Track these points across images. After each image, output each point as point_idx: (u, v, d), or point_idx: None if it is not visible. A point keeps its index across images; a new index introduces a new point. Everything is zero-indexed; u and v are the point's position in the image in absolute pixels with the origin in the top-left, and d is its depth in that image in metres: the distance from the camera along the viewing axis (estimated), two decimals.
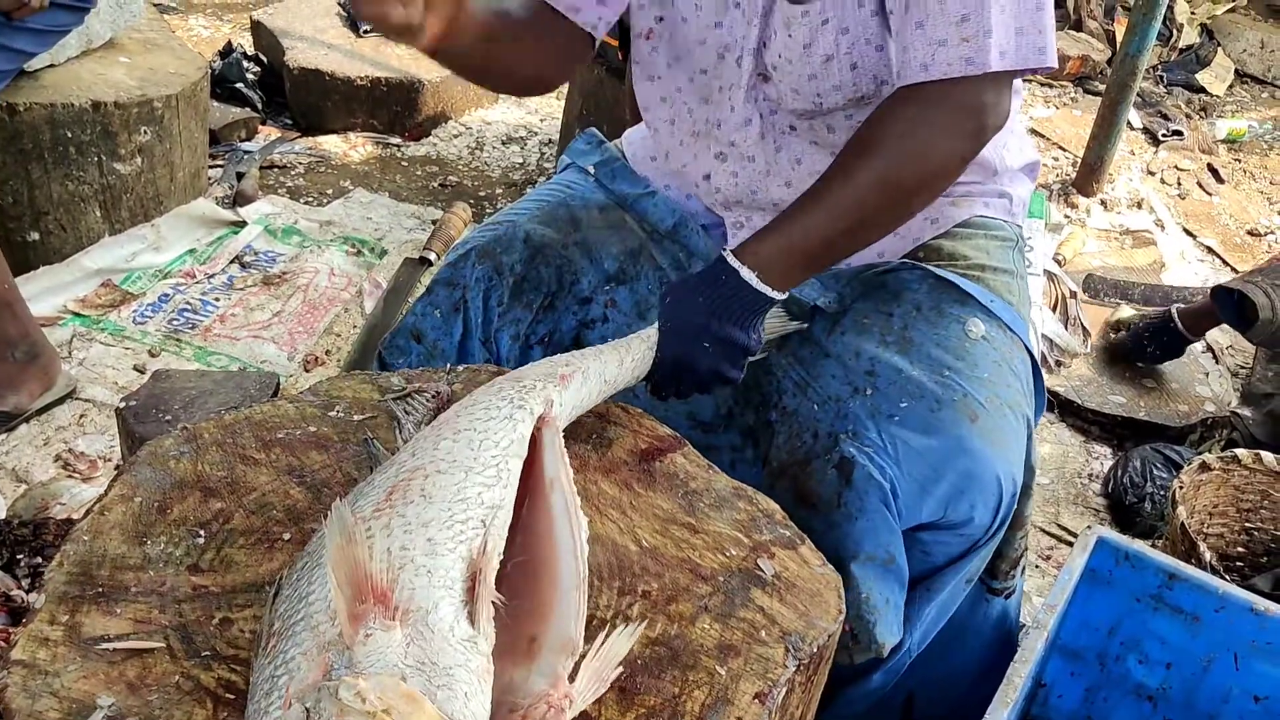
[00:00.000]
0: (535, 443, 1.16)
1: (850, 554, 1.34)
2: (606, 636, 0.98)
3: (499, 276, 1.63)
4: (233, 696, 1.00)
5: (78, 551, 1.13)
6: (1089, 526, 1.75)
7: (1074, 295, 2.60)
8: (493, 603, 0.94)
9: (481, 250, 1.64)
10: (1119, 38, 4.14)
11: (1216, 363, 3.06)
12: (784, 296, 1.36)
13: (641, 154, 1.77)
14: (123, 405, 1.74)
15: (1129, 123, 3.70)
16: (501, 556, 1.03)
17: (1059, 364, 2.62)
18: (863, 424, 1.38)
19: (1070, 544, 2.34)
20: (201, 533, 1.15)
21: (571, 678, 0.94)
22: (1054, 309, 2.56)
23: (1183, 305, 2.86)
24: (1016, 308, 1.54)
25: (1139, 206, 3.68)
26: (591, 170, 1.75)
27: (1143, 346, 2.81)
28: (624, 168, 1.75)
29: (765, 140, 1.53)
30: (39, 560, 1.74)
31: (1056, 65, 1.36)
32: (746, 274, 1.33)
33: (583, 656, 0.97)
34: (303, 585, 0.96)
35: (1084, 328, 2.65)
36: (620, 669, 0.97)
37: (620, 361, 1.36)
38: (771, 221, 1.36)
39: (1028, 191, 1.66)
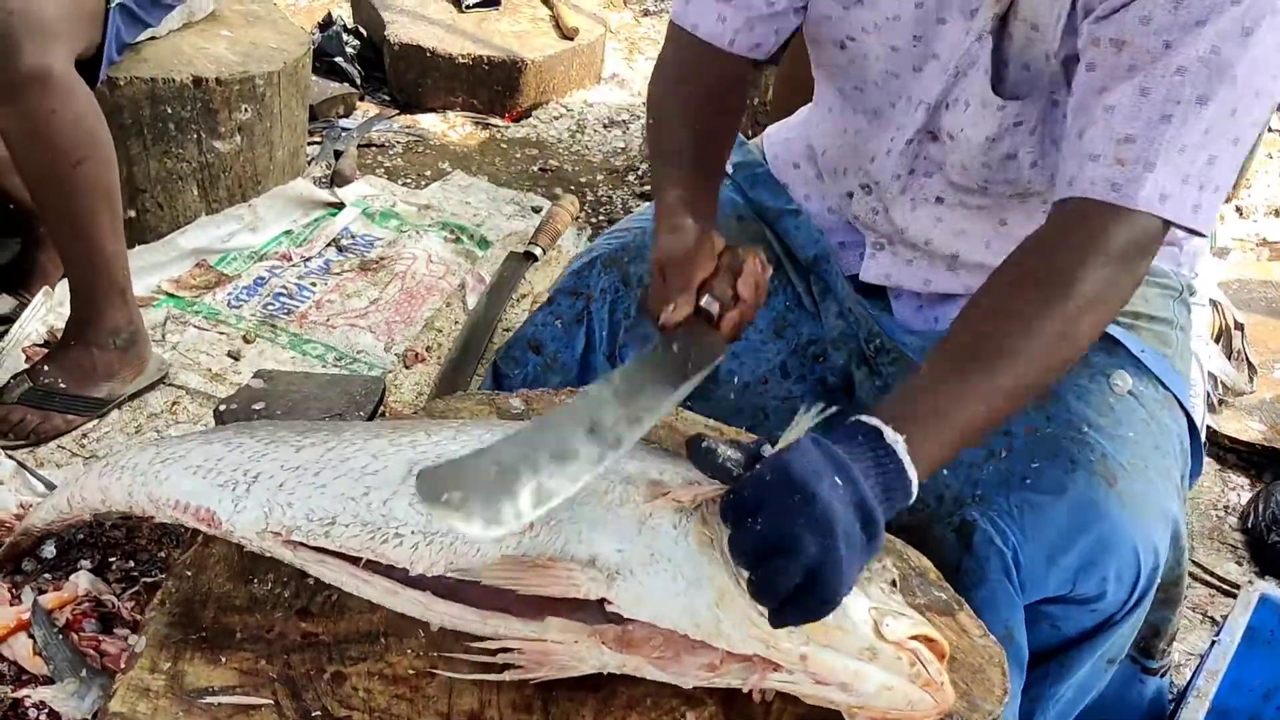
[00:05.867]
0: None
1: None
2: None
3: (626, 287, 1.53)
4: None
5: (181, 589, 1.05)
6: (1250, 582, 1.62)
7: (1239, 327, 2.40)
8: None
9: (608, 258, 1.54)
10: None
11: None
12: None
13: (784, 157, 1.63)
14: (222, 407, 1.66)
15: (1269, 125, 3.47)
16: None
17: (1222, 403, 2.43)
18: (992, 489, 1.26)
19: (1206, 584, 2.17)
20: None
21: None
22: (1217, 341, 2.38)
23: None
24: (1172, 361, 1.38)
25: (1278, 215, 3.46)
26: (730, 172, 1.62)
27: None
28: (766, 174, 1.63)
29: (904, 196, 1.42)
30: (131, 565, 1.68)
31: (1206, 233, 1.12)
32: (912, 477, 1.00)
33: None
34: None
35: (1249, 362, 2.46)
36: None
37: None
38: (931, 400, 1.03)
39: (1203, 240, 1.48)
